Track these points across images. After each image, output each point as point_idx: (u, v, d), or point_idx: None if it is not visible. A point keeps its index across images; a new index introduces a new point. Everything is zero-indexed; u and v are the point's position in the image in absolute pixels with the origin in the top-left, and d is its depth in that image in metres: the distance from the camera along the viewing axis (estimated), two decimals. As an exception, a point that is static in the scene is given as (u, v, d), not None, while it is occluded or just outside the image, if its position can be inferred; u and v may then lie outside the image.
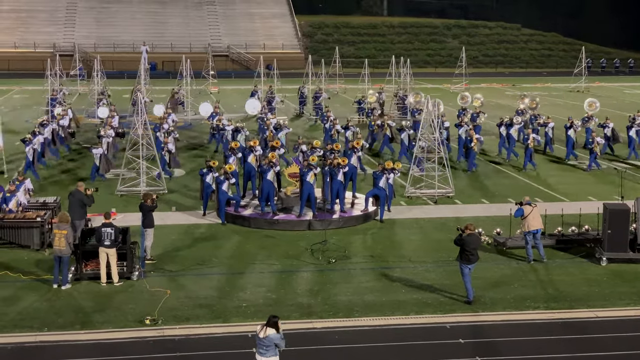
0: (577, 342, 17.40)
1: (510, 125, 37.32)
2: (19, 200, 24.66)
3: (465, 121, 37.49)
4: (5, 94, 63.22)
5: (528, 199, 22.95)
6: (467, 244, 19.15)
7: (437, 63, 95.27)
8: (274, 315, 14.26)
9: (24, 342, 17.04)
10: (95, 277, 20.62)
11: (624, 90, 73.25)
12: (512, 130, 37.24)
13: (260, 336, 13.99)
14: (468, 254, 19.13)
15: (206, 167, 27.15)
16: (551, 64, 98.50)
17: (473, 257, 19.21)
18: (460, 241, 19.28)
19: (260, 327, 14.10)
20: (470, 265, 19.21)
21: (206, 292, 20.08)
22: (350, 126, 36.82)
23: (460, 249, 19.31)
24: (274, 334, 13.96)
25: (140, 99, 33.04)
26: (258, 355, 14.10)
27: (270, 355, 14.01)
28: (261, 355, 14.03)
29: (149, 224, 22.40)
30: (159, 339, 17.24)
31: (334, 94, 58.26)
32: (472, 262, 19.23)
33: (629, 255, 22.57)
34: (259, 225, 25.93)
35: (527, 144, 34.95)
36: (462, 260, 19.25)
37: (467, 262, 19.17)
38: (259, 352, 14.09)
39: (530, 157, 34.97)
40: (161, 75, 74.97)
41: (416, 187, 30.31)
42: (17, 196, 24.70)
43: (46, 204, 25.54)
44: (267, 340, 13.95)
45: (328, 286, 20.59)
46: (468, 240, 19.20)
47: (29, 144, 32.12)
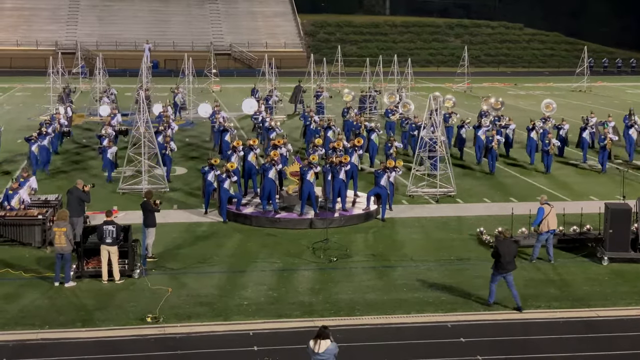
0: (579, 342, 17.39)
1: (479, 128, 36.22)
2: (21, 198, 24.66)
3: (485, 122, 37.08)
4: (8, 92, 63.25)
5: (546, 198, 22.91)
6: (502, 251, 18.41)
7: (439, 62, 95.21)
8: (324, 326, 13.54)
9: (25, 339, 17.05)
10: (97, 274, 20.63)
11: (626, 90, 73.20)
12: (480, 133, 35.99)
13: (317, 351, 13.21)
14: (504, 262, 18.42)
15: (208, 165, 27.17)
16: (553, 63, 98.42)
17: (509, 265, 18.49)
18: (495, 248, 18.70)
19: (313, 342, 13.33)
20: (506, 274, 18.51)
21: (207, 290, 20.09)
22: (332, 125, 36.20)
23: (495, 257, 18.65)
24: (331, 345, 13.31)
25: (142, 97, 32.97)
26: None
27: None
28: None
29: (151, 223, 22.40)
30: (160, 337, 17.25)
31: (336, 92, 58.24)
32: (507, 270, 18.50)
33: (630, 255, 22.56)
34: (261, 224, 25.93)
35: (491, 145, 34.00)
36: (496, 269, 18.59)
37: (502, 271, 18.50)
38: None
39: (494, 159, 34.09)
40: (163, 74, 74.96)
41: (418, 186, 30.30)
42: (20, 194, 24.67)
43: (48, 201, 25.55)
44: (326, 354, 13.21)
45: (329, 285, 20.59)
46: (502, 247, 18.52)
47: (33, 143, 31.93)
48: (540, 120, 37.64)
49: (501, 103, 43.71)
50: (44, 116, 40.57)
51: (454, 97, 47.76)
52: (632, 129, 37.13)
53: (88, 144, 39.81)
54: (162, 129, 33.48)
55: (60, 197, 26.02)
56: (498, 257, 18.54)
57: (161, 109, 41.08)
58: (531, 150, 36.25)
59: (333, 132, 34.98)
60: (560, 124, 37.51)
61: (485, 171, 34.47)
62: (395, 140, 33.12)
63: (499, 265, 18.58)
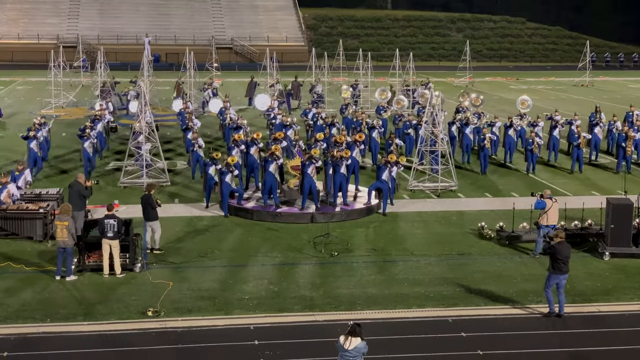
0: (579, 337, 17.40)
1: (466, 125, 35.67)
2: (10, 192, 24.49)
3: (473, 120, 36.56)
4: (9, 85, 63.24)
5: (549, 193, 22.88)
6: (559, 253, 18.12)
7: (440, 56, 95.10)
8: (357, 324, 13.65)
9: (26, 332, 17.08)
10: (98, 268, 20.65)
11: (629, 84, 73.11)
12: (467, 130, 35.50)
13: (346, 347, 13.38)
14: (560, 263, 18.09)
15: (209, 159, 27.17)
16: (555, 58, 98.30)
17: (565, 267, 18.18)
18: (551, 250, 18.29)
19: (344, 337, 13.46)
20: (562, 276, 18.19)
21: (208, 284, 20.10)
22: (336, 123, 35.91)
23: (551, 259, 18.26)
24: (361, 343, 13.43)
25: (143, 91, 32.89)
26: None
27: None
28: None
29: (152, 216, 22.41)
30: (162, 331, 17.26)
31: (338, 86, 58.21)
32: (564, 272, 18.18)
33: (631, 250, 22.56)
34: (262, 218, 25.94)
35: (483, 144, 33.10)
36: (554, 270, 18.17)
37: (559, 272, 18.15)
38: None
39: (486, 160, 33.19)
40: (165, 68, 74.94)
41: (419, 181, 30.29)
42: (9, 188, 24.46)
43: (40, 195, 25.45)
44: (355, 351, 13.38)
45: (330, 279, 20.60)
46: (560, 248, 18.18)
47: (31, 140, 31.33)
48: (517, 117, 36.64)
49: (481, 100, 42.99)
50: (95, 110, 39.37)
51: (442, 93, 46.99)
52: (597, 128, 36.55)
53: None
54: (191, 125, 33.30)
55: (61, 191, 26.02)
56: (554, 254, 18.11)
57: (181, 105, 40.69)
58: (510, 148, 35.10)
59: (337, 130, 34.60)
60: (535, 121, 36.18)
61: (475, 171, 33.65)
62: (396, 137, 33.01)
63: (555, 266, 18.12)
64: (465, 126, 35.57)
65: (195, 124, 34.60)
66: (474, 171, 33.43)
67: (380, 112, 40.51)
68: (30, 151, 31.34)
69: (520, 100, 40.31)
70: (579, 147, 33.40)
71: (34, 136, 31.49)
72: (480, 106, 41.13)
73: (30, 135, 31.47)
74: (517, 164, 34.58)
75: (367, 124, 35.36)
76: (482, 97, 43.16)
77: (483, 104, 42.43)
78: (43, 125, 33.39)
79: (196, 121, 35.60)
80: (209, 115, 44.08)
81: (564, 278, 18.32)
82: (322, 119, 37.03)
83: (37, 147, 31.41)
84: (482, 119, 37.21)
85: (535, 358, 16.24)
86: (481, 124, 36.26)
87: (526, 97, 40.59)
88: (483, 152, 33.13)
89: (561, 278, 18.25)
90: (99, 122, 35.13)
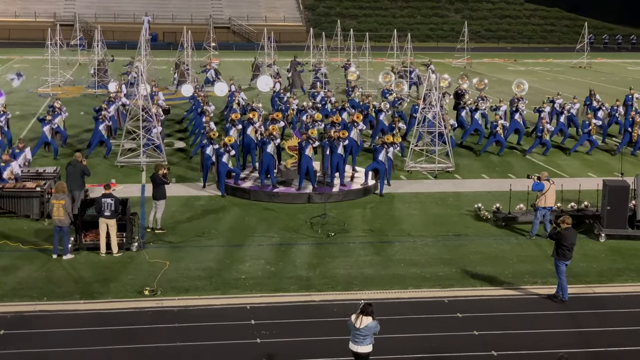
0: (575, 318, 17.46)
1: (475, 110, 35.50)
2: (13, 170, 24.54)
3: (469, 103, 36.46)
4: (6, 63, 62.98)
5: (547, 175, 22.88)
6: (565, 239, 18.04)
7: (439, 37, 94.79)
8: (369, 304, 13.84)
9: (23, 311, 17.11)
10: (95, 247, 20.67)
11: (627, 66, 73.05)
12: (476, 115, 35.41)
13: (357, 326, 13.60)
14: (565, 250, 18.02)
15: (206, 139, 27.15)
16: (554, 39, 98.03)
17: (570, 253, 18.11)
18: (557, 235, 18.19)
19: (355, 316, 13.68)
20: (567, 262, 18.13)
21: (205, 263, 20.14)
22: (347, 107, 35.69)
23: (556, 244, 18.22)
24: (372, 322, 13.65)
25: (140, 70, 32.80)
26: (354, 344, 13.72)
27: (368, 343, 13.70)
28: (358, 344, 13.68)
29: (160, 195, 22.45)
30: (158, 310, 17.31)
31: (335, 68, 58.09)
32: (568, 259, 18.12)
33: (627, 232, 22.62)
34: (259, 198, 25.95)
35: (495, 131, 33.07)
36: (558, 257, 18.12)
37: (564, 259, 18.08)
38: (354, 342, 13.71)
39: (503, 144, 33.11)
40: (162, 47, 74.66)
41: (416, 162, 30.31)
42: (12, 166, 24.55)
43: (40, 174, 25.47)
44: (366, 330, 13.60)
45: (327, 259, 20.64)
46: (566, 235, 18.08)
47: (46, 124, 30.79)
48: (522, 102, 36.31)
49: (485, 83, 42.67)
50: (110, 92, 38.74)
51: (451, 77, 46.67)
52: (600, 111, 36.53)
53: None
54: (206, 108, 33.07)
55: (58, 170, 26.01)
56: (559, 240, 17.99)
57: (192, 90, 40.30)
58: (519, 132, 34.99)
59: (348, 114, 34.00)
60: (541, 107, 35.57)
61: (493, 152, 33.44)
62: (400, 121, 32.92)
63: (560, 253, 18.04)
64: (474, 111, 35.57)
65: (210, 108, 34.42)
66: (472, 151, 33.45)
67: (386, 96, 40.50)
68: (42, 134, 30.92)
69: (516, 83, 40.09)
70: (589, 134, 33.43)
71: (49, 120, 30.98)
72: (484, 89, 41.00)
73: (46, 119, 31.07)
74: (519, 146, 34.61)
75: (375, 106, 35.34)
76: (486, 81, 42.95)
77: (486, 87, 42.23)
78: (61, 110, 32.65)
79: (211, 105, 35.37)
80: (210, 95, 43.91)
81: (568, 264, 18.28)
82: (331, 104, 36.89)
83: (49, 133, 30.89)
84: (485, 102, 37.22)
85: (530, 338, 16.30)
86: (486, 107, 36.36)
87: (522, 80, 40.39)
88: (495, 137, 33.14)
89: (567, 263, 18.22)
90: (112, 104, 34.88)
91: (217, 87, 41.81)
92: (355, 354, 13.83)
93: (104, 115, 31.39)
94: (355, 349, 13.77)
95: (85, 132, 35.11)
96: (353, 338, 13.78)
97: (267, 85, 44.02)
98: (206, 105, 33.89)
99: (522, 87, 39.42)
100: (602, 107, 36.58)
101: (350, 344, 13.83)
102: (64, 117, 32.88)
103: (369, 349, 13.77)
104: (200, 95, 37.23)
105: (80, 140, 34.12)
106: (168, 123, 37.28)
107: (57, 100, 33.98)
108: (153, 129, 30.35)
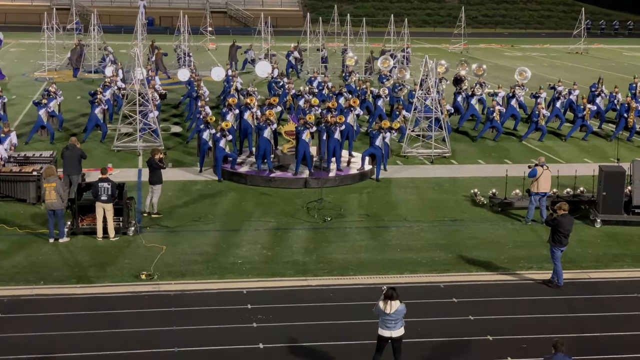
0: (570, 303, 17.52)
1: (472, 96, 35.41)
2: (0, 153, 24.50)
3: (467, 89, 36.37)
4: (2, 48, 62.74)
5: (543, 160, 22.90)
6: (561, 226, 18.02)
7: (436, 23, 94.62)
8: (392, 288, 13.82)
9: (20, 295, 17.14)
10: (92, 232, 20.69)
11: (623, 52, 72.99)
12: (473, 101, 35.32)
13: (387, 312, 13.55)
14: (561, 236, 18.03)
15: (203, 123, 27.14)
16: (550, 24, 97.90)
17: (565, 240, 18.11)
18: (554, 222, 18.15)
19: (383, 303, 13.62)
20: (562, 248, 18.16)
21: (202, 248, 20.17)
22: (344, 92, 35.60)
23: (552, 230, 18.18)
24: (400, 305, 13.63)
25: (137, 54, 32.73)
26: (386, 330, 13.70)
27: (399, 327, 13.69)
28: (391, 329, 13.65)
29: (156, 180, 22.46)
30: (155, 294, 17.34)
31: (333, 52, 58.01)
32: (564, 245, 18.15)
33: (623, 218, 22.68)
34: (256, 183, 25.96)
35: (492, 117, 32.83)
36: (554, 243, 18.12)
37: (559, 245, 18.10)
38: (386, 327, 13.67)
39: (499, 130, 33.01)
40: (159, 31, 74.46)
41: (413, 147, 30.32)
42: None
43: (28, 158, 25.33)
44: (396, 314, 13.58)
45: (323, 244, 20.68)
46: (563, 221, 18.06)
47: (41, 108, 30.67)
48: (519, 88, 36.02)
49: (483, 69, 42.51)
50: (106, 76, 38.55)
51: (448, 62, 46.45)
52: (599, 98, 36.50)
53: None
54: (201, 92, 33.02)
55: (54, 154, 25.97)
56: (556, 226, 17.99)
57: (189, 74, 40.20)
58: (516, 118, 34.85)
59: (345, 99, 33.89)
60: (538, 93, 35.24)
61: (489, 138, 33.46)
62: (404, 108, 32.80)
63: (556, 239, 18.06)
64: (471, 97, 35.53)
65: (205, 92, 34.31)
66: (468, 137, 33.45)
67: (383, 81, 40.42)
68: (38, 118, 30.82)
69: (519, 71, 40.03)
70: (583, 118, 33.46)
71: (45, 104, 30.84)
72: (482, 75, 40.88)
73: (42, 102, 31.01)
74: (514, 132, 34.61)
75: (372, 92, 35.35)
76: (485, 67, 42.84)
77: (485, 73, 42.08)
78: (57, 94, 32.53)
79: (205, 90, 35.27)
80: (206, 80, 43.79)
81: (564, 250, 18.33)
82: (328, 89, 36.79)
83: (45, 116, 30.75)
84: (483, 88, 37.15)
85: (525, 323, 16.37)
86: (484, 93, 36.31)
87: (525, 68, 40.31)
88: (491, 123, 33.04)
89: (562, 249, 18.27)
90: (108, 88, 34.79)
91: (214, 72, 41.67)
92: (387, 339, 13.77)
93: (100, 99, 31.32)
94: (388, 334, 13.73)
95: (82, 117, 35.03)
96: (384, 324, 13.73)
97: (265, 71, 43.94)
98: (200, 89, 33.89)
99: (525, 74, 39.40)
100: (602, 93, 36.59)
101: (381, 331, 13.78)
102: (59, 101, 32.75)
103: (401, 332, 13.79)
104: (197, 79, 37.14)
105: (76, 124, 34.07)
106: (164, 108, 37.20)
107: (52, 84, 33.92)
108: (149, 113, 30.30)
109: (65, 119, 33.78)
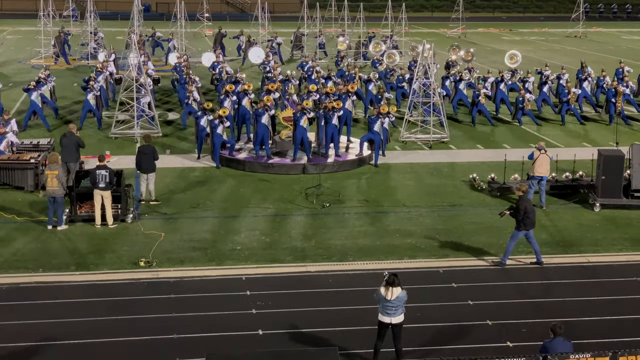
0: (569, 287, 17.54)
1: (460, 81, 35.27)
2: (9, 141, 24.56)
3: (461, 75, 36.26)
4: (-2, 35, 62.65)
5: (542, 144, 22.84)
6: (528, 209, 17.99)
7: (433, 7, 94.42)
8: (394, 274, 13.83)
9: (19, 282, 17.13)
10: (90, 219, 20.67)
11: (622, 35, 72.87)
12: (461, 86, 35.14)
13: (388, 298, 13.58)
14: (527, 218, 18.00)
15: (200, 110, 27.09)
16: (549, 8, 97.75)
17: (533, 219, 18.14)
18: (518, 209, 18.06)
19: (384, 289, 13.63)
20: (531, 230, 18.22)
21: (200, 235, 20.15)
22: (333, 77, 35.41)
23: (517, 216, 18.12)
24: (402, 292, 13.66)
25: (134, 40, 32.60)
26: (386, 316, 13.70)
27: (400, 313, 13.73)
28: (391, 316, 13.67)
29: (149, 168, 22.42)
30: (154, 281, 17.34)
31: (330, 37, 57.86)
32: (533, 226, 18.22)
33: (622, 202, 22.67)
34: (254, 169, 25.93)
35: (478, 100, 32.92)
36: (525, 227, 18.09)
37: (531, 227, 18.13)
38: (386, 313, 13.69)
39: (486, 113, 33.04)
40: (155, 17, 74.25)
41: (411, 132, 30.27)
42: (8, 137, 24.59)
43: (37, 145, 25.42)
44: (397, 301, 13.61)
45: (322, 230, 20.66)
46: (527, 205, 18.07)
47: (32, 92, 30.68)
48: (508, 72, 36.00)
49: (472, 54, 42.35)
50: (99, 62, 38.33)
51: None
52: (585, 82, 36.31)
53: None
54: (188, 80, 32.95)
55: (52, 141, 25.94)
56: (524, 214, 18.01)
57: (176, 59, 40.00)
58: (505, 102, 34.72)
59: (333, 83, 33.88)
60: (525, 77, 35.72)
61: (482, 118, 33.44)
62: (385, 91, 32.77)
63: (526, 222, 18.10)
64: (459, 82, 35.42)
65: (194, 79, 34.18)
66: (466, 122, 33.39)
67: (376, 66, 40.31)
68: (31, 103, 30.81)
69: (509, 55, 39.86)
70: (568, 102, 33.48)
71: (34, 88, 30.79)
72: (470, 61, 40.75)
73: (30, 87, 30.91)
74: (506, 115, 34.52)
75: (361, 77, 35.26)
76: (472, 51, 42.66)
77: (474, 58, 41.97)
78: (48, 79, 32.50)
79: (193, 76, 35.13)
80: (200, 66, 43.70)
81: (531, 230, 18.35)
82: (316, 73, 36.68)
83: (38, 99, 30.71)
84: (472, 73, 37.03)
85: (524, 308, 16.38)
86: (473, 79, 36.19)
87: (515, 52, 40.13)
88: (477, 107, 33.01)
89: (529, 231, 18.31)
90: (101, 74, 34.69)
91: (205, 57, 41.68)
92: (387, 325, 13.78)
93: (92, 85, 31.27)
94: (388, 320, 13.75)
95: (77, 104, 34.95)
96: (384, 310, 13.74)
97: (258, 57, 43.88)
98: (188, 75, 33.88)
99: (516, 58, 39.22)
100: (589, 78, 36.48)
101: (381, 317, 13.80)
102: (50, 87, 32.74)
103: (401, 318, 13.81)
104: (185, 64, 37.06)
105: (71, 111, 34.04)
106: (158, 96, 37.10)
107: (46, 70, 33.87)
108: (142, 99, 30.24)
109: (61, 106, 33.70)
